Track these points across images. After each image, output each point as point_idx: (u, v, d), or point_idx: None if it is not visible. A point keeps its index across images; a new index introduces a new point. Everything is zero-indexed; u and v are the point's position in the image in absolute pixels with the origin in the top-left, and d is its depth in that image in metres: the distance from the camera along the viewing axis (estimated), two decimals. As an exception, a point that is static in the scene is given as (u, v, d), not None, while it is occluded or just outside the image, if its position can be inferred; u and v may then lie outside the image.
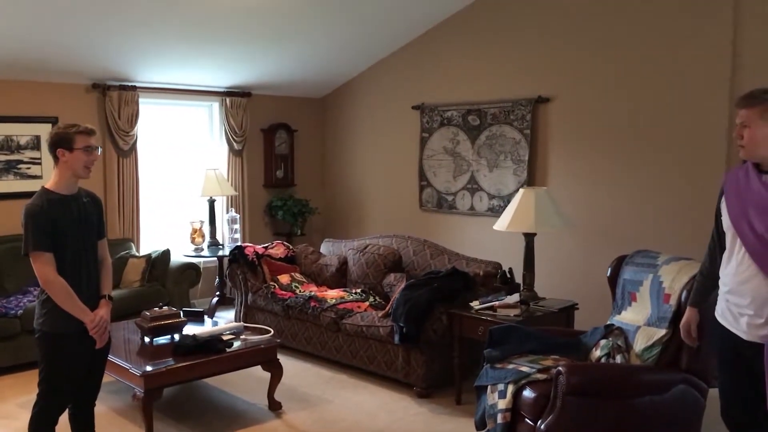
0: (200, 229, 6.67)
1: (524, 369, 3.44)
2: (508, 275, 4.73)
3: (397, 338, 4.56)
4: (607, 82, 5.43)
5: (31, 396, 3.12)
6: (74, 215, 3.01)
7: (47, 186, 3.03)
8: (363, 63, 7.14)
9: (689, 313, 2.98)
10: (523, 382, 3.37)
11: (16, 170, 5.78)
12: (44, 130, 5.79)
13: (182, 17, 5.37)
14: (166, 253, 6.01)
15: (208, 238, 6.72)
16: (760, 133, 2.49)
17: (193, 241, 6.63)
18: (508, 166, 6.05)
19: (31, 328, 3.03)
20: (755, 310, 2.50)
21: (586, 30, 5.50)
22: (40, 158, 5.88)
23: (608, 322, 3.74)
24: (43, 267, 2.92)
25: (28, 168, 5.85)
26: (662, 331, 3.40)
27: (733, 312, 2.60)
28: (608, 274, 3.87)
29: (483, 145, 6.24)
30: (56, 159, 3.00)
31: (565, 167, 5.73)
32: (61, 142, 2.98)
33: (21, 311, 5.01)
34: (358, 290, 5.43)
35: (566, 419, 3.10)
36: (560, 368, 3.15)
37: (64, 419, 3.17)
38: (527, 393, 3.32)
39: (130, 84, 6.24)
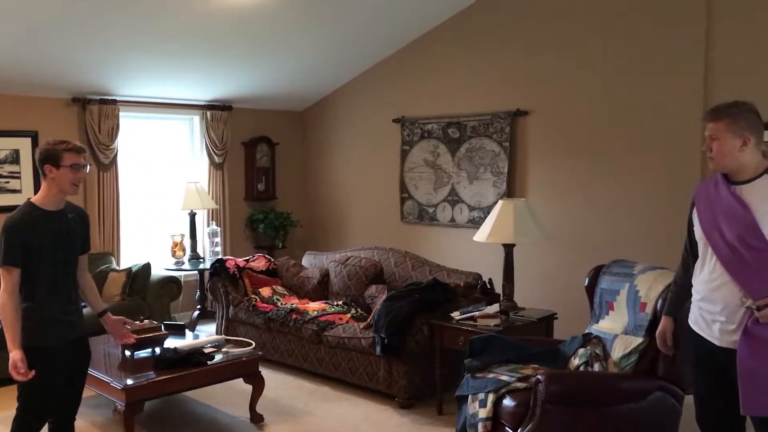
0: (181, 242, 6.65)
1: (504, 378, 3.48)
2: (488, 286, 4.77)
3: (378, 349, 4.58)
4: (584, 96, 5.52)
5: (10, 411, 3.09)
6: (54, 232, 3.00)
7: (33, 200, 3.03)
8: (344, 76, 7.19)
9: (664, 323, 3.03)
10: (503, 391, 3.41)
11: (-6, 184, 5.76)
12: (24, 145, 5.77)
13: (162, 31, 5.38)
14: (146, 267, 5.97)
15: (188, 252, 6.70)
16: (728, 145, 2.56)
17: (173, 254, 6.60)
18: (488, 178, 6.12)
19: (8, 343, 3.02)
20: (727, 317, 2.56)
21: (563, 44, 5.60)
22: (19, 172, 5.84)
23: (586, 331, 3.79)
24: (5, 282, 2.91)
25: (7, 182, 5.81)
26: (639, 340, 3.46)
27: (706, 319, 2.66)
28: (586, 283, 3.92)
29: (463, 157, 6.30)
30: (44, 174, 3.01)
31: (544, 179, 5.81)
32: (49, 159, 2.98)
33: (-1, 326, 4.96)
34: (340, 302, 5.45)
35: (546, 427, 3.13)
36: (539, 377, 3.19)
37: (44, 434, 3.15)
38: (507, 402, 3.36)
39: (110, 98, 6.23)
